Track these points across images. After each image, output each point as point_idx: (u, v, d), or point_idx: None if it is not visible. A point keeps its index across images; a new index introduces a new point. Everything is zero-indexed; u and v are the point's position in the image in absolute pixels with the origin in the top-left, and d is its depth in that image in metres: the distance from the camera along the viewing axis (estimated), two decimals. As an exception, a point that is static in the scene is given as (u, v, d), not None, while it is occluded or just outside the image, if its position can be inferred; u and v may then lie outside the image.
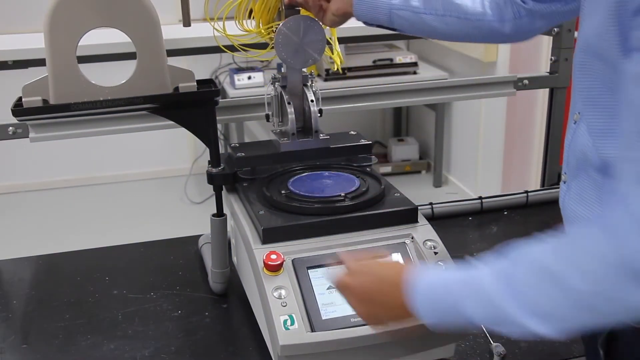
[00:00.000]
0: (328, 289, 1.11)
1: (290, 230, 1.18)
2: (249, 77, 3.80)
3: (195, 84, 1.28)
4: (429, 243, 1.19)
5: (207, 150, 1.33)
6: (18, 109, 1.21)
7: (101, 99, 1.21)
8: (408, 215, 1.23)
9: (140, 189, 4.50)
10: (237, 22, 1.33)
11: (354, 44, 3.86)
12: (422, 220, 1.24)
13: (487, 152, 3.89)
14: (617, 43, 0.76)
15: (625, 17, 0.73)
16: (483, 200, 1.79)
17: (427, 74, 4.03)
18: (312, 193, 1.25)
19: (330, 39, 1.43)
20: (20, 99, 1.22)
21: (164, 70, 1.24)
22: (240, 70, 3.91)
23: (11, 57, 1.47)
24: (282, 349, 1.05)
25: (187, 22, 1.50)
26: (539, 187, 1.91)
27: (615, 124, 0.78)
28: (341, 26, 1.33)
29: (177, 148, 4.64)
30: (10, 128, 1.47)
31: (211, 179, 1.33)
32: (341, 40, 1.60)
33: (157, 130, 1.58)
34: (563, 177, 0.99)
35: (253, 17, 1.35)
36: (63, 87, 1.19)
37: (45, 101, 1.21)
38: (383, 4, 1.23)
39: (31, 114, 1.23)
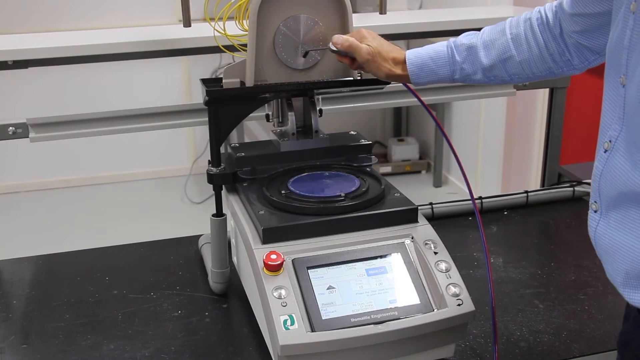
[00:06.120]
0: (328, 288, 1.11)
1: (290, 230, 1.18)
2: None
3: None
4: (429, 243, 1.19)
5: (207, 150, 1.33)
6: (215, 89, 1.27)
7: (303, 81, 1.33)
8: (408, 215, 1.23)
9: (140, 189, 4.50)
10: (237, 22, 1.33)
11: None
12: (422, 220, 1.24)
13: (487, 152, 3.89)
14: None
15: None
16: (483, 200, 1.79)
17: (427, 74, 4.02)
18: (312, 193, 1.25)
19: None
20: (204, 81, 1.31)
21: None
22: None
23: (11, 57, 1.47)
24: (282, 349, 1.05)
25: (187, 22, 1.50)
26: (539, 187, 1.91)
27: None
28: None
29: (177, 148, 4.64)
30: (10, 128, 1.47)
31: (211, 178, 1.33)
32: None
33: (156, 130, 1.58)
34: (593, 207, 0.96)
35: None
36: (262, 69, 1.30)
37: (242, 83, 1.30)
38: (444, 77, 1.21)
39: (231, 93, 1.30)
